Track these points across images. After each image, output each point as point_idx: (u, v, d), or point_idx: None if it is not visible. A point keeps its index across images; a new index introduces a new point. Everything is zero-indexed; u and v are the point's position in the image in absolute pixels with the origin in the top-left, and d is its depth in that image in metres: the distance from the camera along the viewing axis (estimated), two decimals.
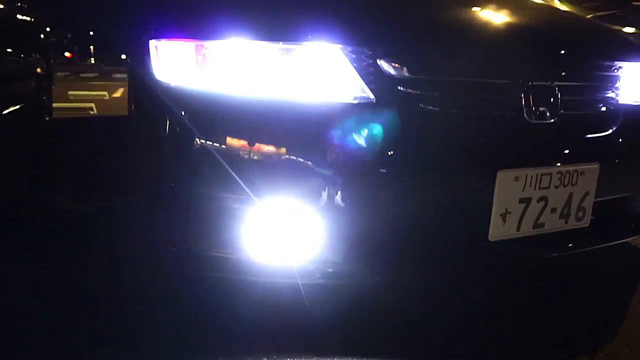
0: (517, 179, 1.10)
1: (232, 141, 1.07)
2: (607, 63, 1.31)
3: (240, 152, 1.06)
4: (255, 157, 1.07)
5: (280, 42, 1.06)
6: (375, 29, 1.10)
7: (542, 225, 1.17)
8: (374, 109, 1.04)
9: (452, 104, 1.09)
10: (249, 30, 1.08)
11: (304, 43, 1.06)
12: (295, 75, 1.06)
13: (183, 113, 1.10)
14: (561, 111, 1.17)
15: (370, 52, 1.06)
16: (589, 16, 3.24)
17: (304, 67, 1.06)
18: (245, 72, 1.07)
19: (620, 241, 1.35)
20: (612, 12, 3.32)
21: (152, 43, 1.14)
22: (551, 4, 3.03)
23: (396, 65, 1.07)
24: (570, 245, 1.23)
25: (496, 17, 1.30)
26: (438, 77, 1.09)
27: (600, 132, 1.24)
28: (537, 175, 1.12)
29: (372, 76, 1.05)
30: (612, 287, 1.42)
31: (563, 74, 1.20)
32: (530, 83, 1.14)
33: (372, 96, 1.04)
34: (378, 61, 1.06)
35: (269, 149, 1.06)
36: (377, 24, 1.12)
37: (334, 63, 1.05)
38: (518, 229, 1.15)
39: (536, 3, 1.53)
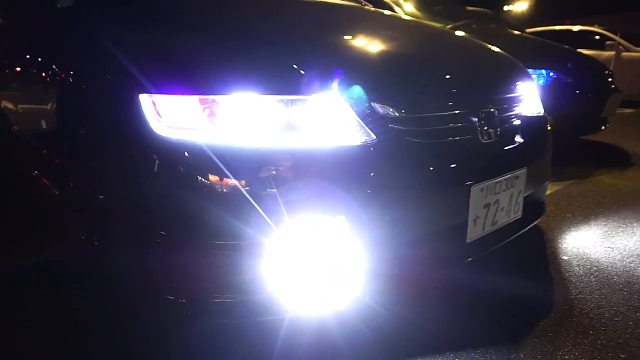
0: (482, 190, 1.37)
1: (239, 189, 1.11)
2: (517, 85, 1.67)
3: (247, 200, 1.11)
4: (263, 204, 1.11)
5: (287, 95, 1.14)
6: (366, 77, 1.25)
7: (497, 222, 1.47)
8: (376, 146, 1.19)
9: (431, 134, 1.30)
10: (253, 84, 1.14)
11: (308, 94, 1.16)
12: (303, 124, 1.15)
13: (189, 165, 1.12)
14: (499, 131, 1.48)
15: (366, 97, 1.21)
16: (448, 27, 3.82)
17: (310, 116, 1.16)
18: (253, 124, 1.13)
19: (537, 221, 1.74)
20: (465, 22, 3.96)
21: (151, 98, 1.13)
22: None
23: (386, 106, 1.24)
24: (513, 231, 1.57)
25: (453, 60, 1.57)
26: (418, 113, 1.30)
27: (521, 141, 1.58)
28: (493, 184, 1.41)
29: (370, 118, 1.21)
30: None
31: (497, 99, 1.52)
32: (480, 110, 1.41)
33: (373, 135, 1.19)
34: (373, 104, 1.22)
35: (279, 196, 1.11)
36: (366, 73, 1.27)
37: (339, 111, 1.17)
38: (483, 229, 1.43)
39: (472, 41, 1.85)
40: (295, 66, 1.17)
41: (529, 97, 1.74)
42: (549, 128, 1.81)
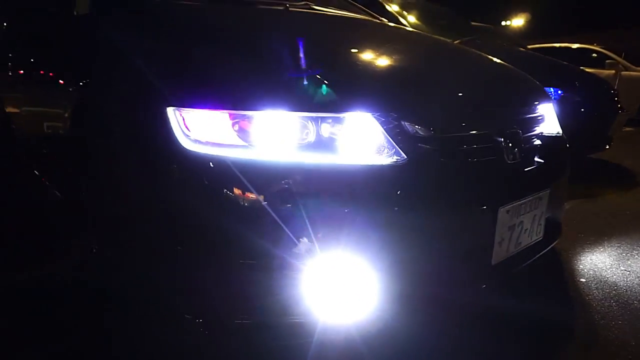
0: (508, 212, 1.35)
1: (266, 206, 1.08)
2: (537, 105, 1.66)
3: (274, 218, 1.08)
4: (291, 223, 1.08)
5: (317, 112, 1.12)
6: (396, 96, 1.23)
7: (520, 244, 1.45)
8: (407, 166, 1.16)
9: (459, 155, 1.28)
10: (283, 101, 1.11)
11: (339, 112, 1.13)
12: (334, 143, 1.12)
13: (217, 180, 1.09)
14: (523, 151, 1.46)
15: (395, 115, 1.19)
16: (456, 42, 3.83)
17: (341, 134, 1.13)
18: (282, 141, 1.11)
19: (556, 242, 1.72)
20: (471, 37, 3.98)
21: (179, 111, 1.10)
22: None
23: (416, 126, 1.21)
24: (534, 253, 1.55)
25: (478, 80, 1.55)
26: (446, 133, 1.27)
27: (543, 162, 1.57)
28: (518, 206, 1.38)
29: (399, 137, 1.18)
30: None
31: (520, 120, 1.50)
32: (506, 131, 1.39)
33: (404, 155, 1.17)
34: (403, 123, 1.20)
35: (306, 214, 1.08)
36: (395, 92, 1.25)
37: (370, 129, 1.15)
38: (507, 251, 1.40)
39: (492, 60, 1.83)
40: (326, 83, 1.15)
41: (548, 117, 1.73)
42: (567, 147, 1.80)
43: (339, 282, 1.12)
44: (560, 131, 1.80)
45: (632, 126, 6.60)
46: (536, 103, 1.67)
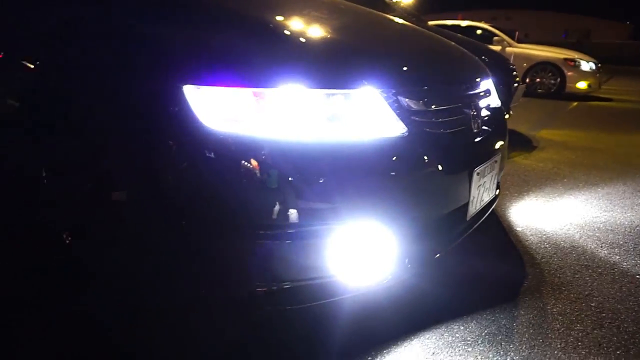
0: (478, 174, 1.57)
1: (292, 179, 1.15)
2: (485, 81, 1.90)
3: (299, 188, 1.15)
4: (315, 193, 1.16)
5: (332, 89, 1.20)
6: (392, 73, 1.35)
7: (483, 199, 1.69)
8: (407, 138, 1.30)
9: (442, 126, 1.45)
10: (302, 77, 1.17)
11: (350, 89, 1.22)
12: (348, 117, 1.22)
13: (245, 158, 1.12)
14: (481, 122, 1.69)
15: (394, 91, 1.31)
16: None
17: (354, 109, 1.23)
18: (303, 117, 1.17)
19: (498, 198, 2.01)
20: (394, 14, 4.20)
21: (199, 89, 1.10)
22: None
23: (408, 100, 1.35)
24: (489, 207, 1.81)
25: (445, 57, 1.72)
26: (432, 106, 1.43)
27: (493, 130, 1.82)
28: (484, 168, 1.61)
29: (398, 111, 1.31)
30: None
31: (478, 94, 1.72)
32: (471, 103, 1.60)
33: (405, 128, 1.30)
34: (399, 98, 1.32)
35: (330, 185, 1.17)
36: (391, 69, 1.37)
37: (378, 104, 1.26)
38: (475, 208, 1.63)
39: (445, 40, 2.01)
40: (337, 61, 1.22)
41: (492, 91, 1.99)
42: (505, 117, 2.09)
43: (360, 245, 1.23)
44: (500, 103, 2.08)
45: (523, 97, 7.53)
46: (484, 79, 1.91)
